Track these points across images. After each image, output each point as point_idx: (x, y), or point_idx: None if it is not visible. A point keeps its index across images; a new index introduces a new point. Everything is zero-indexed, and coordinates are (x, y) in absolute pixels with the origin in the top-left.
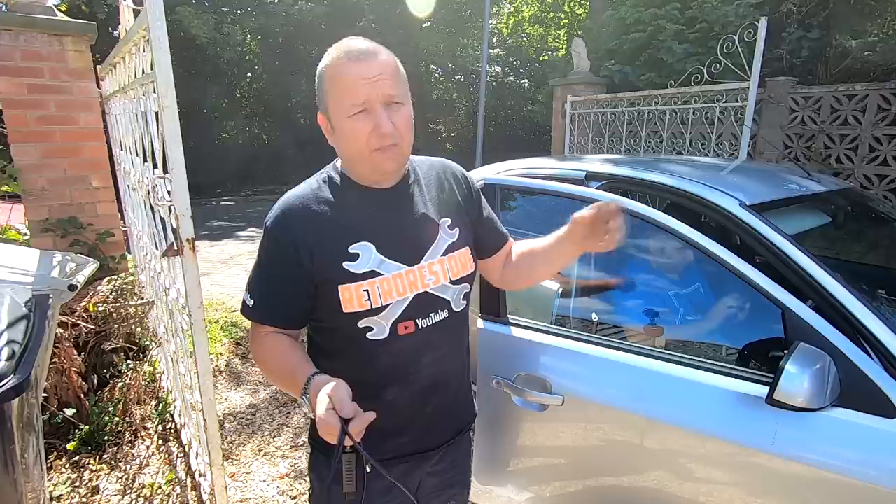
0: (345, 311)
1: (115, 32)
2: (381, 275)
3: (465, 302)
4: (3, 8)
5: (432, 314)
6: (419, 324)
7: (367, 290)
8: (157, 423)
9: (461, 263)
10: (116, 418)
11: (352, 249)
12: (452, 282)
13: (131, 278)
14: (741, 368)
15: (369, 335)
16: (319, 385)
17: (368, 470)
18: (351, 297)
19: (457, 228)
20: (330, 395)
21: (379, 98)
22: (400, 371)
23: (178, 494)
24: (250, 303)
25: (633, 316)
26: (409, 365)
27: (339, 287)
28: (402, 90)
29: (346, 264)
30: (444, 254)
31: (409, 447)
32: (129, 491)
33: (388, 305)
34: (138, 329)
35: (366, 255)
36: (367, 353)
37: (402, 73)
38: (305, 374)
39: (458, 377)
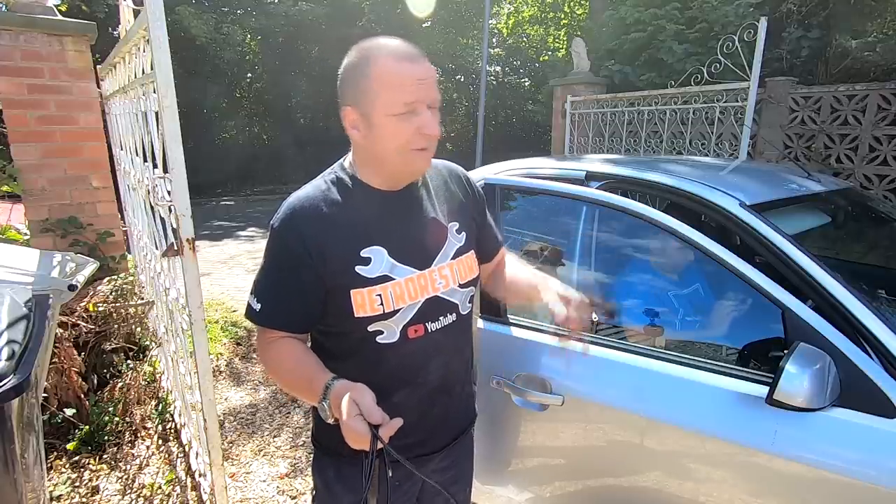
0: (356, 315)
1: (115, 32)
2: (393, 279)
3: (470, 305)
4: (3, 8)
5: (441, 318)
6: (428, 327)
7: (379, 295)
8: (157, 423)
9: (468, 267)
10: (116, 418)
11: (364, 254)
12: (461, 285)
13: (131, 278)
14: (741, 368)
15: (379, 339)
16: (341, 391)
17: (391, 474)
18: (363, 302)
19: (464, 232)
20: (357, 400)
21: (427, 100)
22: (408, 374)
23: (178, 494)
24: (257, 307)
25: (633, 316)
26: (417, 368)
27: (352, 292)
28: (441, 95)
29: (358, 269)
30: (454, 257)
31: (413, 449)
32: (129, 491)
33: (399, 310)
34: (138, 329)
35: (378, 259)
36: (376, 356)
37: None
38: (323, 381)
39: (463, 379)
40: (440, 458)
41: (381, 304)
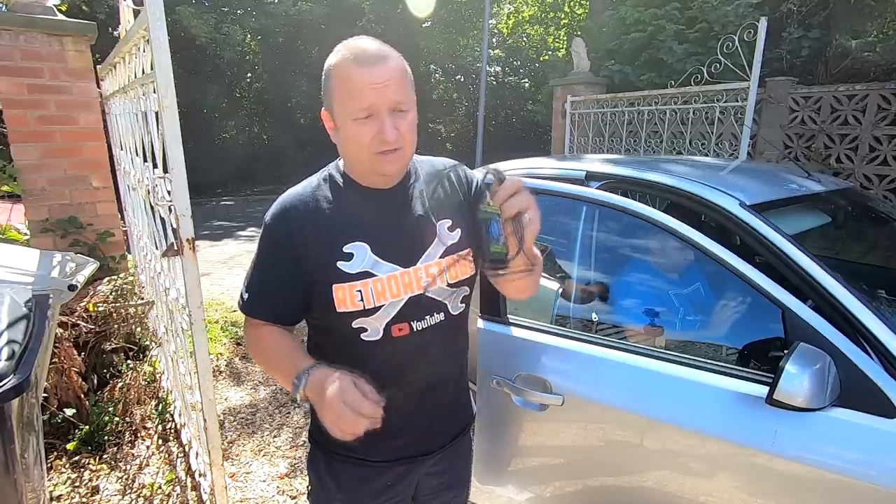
0: (338, 310)
1: (115, 32)
2: (374, 276)
3: (463, 305)
4: (3, 8)
5: (427, 317)
6: (414, 326)
7: (360, 291)
8: (157, 423)
9: (460, 266)
10: (116, 418)
11: (346, 249)
12: (450, 285)
13: (131, 278)
14: (741, 368)
15: (363, 336)
16: (325, 377)
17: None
18: (344, 297)
19: (458, 230)
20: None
21: (385, 104)
22: (394, 373)
23: (178, 494)
24: (246, 297)
25: (633, 316)
26: (403, 367)
27: (333, 286)
28: (409, 96)
29: (340, 264)
30: (443, 256)
31: (406, 450)
32: (129, 491)
33: (381, 307)
34: (138, 329)
35: (360, 255)
36: (362, 354)
37: (409, 77)
38: (305, 363)
39: (455, 380)
40: (434, 460)
41: (362, 299)
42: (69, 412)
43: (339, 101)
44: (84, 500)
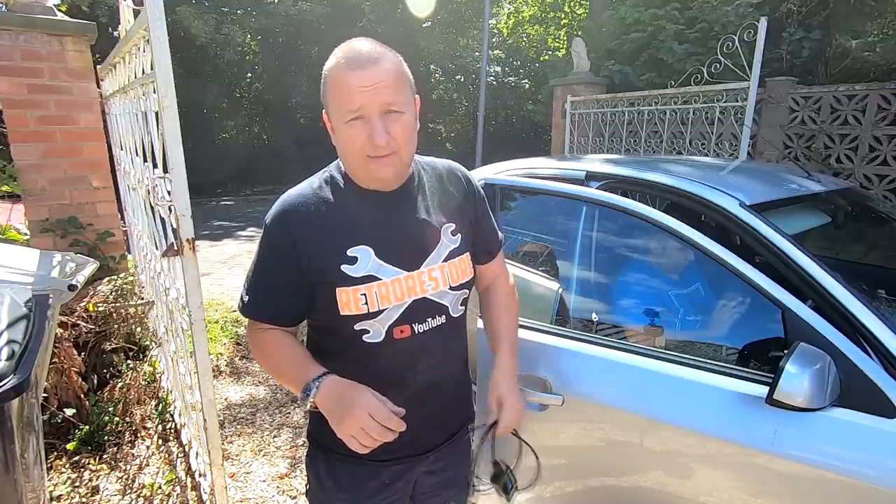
0: (342, 313)
1: (115, 33)
2: (379, 279)
3: (463, 308)
4: (3, 8)
5: (429, 319)
6: (415, 329)
7: (364, 294)
8: (157, 423)
9: (461, 269)
10: (116, 418)
11: (350, 252)
12: (452, 288)
13: (131, 278)
14: (741, 368)
15: (365, 338)
16: (344, 386)
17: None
18: (348, 301)
19: (459, 234)
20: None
21: (376, 107)
22: (395, 374)
23: (178, 494)
24: (246, 299)
25: (633, 316)
26: (404, 369)
27: (337, 290)
28: (404, 97)
29: (343, 267)
30: (446, 260)
31: (405, 449)
32: (129, 491)
33: (384, 310)
34: (138, 329)
35: (364, 258)
36: (363, 356)
37: (406, 79)
38: (316, 370)
39: (455, 381)
40: (434, 457)
41: (366, 303)
42: (69, 412)
43: (333, 103)
44: (84, 500)
